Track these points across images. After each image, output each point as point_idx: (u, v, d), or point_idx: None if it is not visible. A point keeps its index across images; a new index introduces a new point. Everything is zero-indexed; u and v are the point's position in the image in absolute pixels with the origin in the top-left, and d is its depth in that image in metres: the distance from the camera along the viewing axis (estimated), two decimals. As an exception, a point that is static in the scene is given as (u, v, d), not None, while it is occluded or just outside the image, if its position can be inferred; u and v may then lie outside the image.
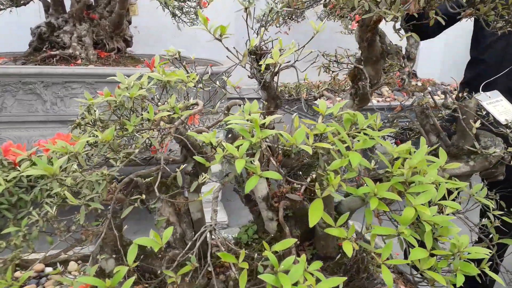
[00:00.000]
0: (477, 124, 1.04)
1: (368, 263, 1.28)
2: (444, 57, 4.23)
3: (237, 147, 0.77)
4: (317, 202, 0.80)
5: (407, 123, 1.55)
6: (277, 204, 1.27)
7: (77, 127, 1.04)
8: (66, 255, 1.07)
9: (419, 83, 3.20)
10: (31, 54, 2.73)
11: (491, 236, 1.06)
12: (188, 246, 0.84)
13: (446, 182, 0.89)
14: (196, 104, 1.06)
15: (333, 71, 1.48)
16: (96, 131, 0.82)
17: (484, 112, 1.09)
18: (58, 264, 0.87)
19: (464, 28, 2.03)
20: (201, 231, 0.86)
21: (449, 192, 0.92)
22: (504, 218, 1.00)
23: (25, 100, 2.40)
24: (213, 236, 0.95)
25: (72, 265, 1.74)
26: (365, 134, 0.87)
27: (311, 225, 0.76)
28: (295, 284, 0.70)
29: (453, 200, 0.90)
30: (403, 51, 3.22)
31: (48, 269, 1.73)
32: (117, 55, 2.82)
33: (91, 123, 1.03)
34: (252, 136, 0.80)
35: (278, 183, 1.44)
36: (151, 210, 1.25)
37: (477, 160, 1.13)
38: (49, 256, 1.06)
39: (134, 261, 0.76)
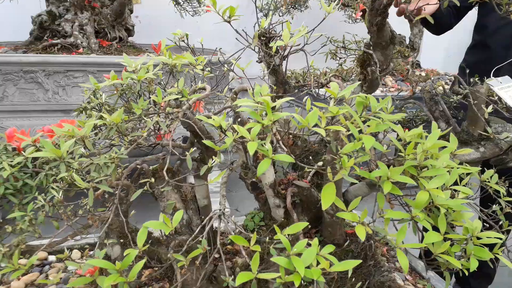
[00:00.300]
0: (489, 109, 1.03)
1: (375, 251, 1.28)
2: (448, 47, 4.20)
3: (248, 130, 0.75)
4: (330, 186, 0.78)
5: (414, 112, 1.54)
6: (284, 192, 1.25)
7: (82, 111, 1.03)
8: (73, 240, 1.05)
9: (423, 73, 3.17)
10: (32, 43, 2.70)
11: (501, 223, 1.05)
12: (197, 230, 0.83)
13: (458, 168, 0.88)
14: (204, 88, 1.04)
15: (340, 58, 1.46)
16: (104, 113, 0.81)
17: (496, 98, 1.08)
18: (65, 249, 0.85)
19: (468, 16, 2.01)
20: (210, 215, 0.85)
21: (460, 178, 0.91)
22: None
23: (27, 89, 2.38)
24: (221, 223, 0.94)
25: (75, 254, 1.74)
26: (377, 117, 0.85)
27: (324, 208, 0.75)
28: (308, 267, 0.69)
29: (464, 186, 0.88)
30: (407, 41, 3.20)
31: (52, 257, 1.73)
32: (119, 44, 2.79)
33: (97, 107, 1.02)
34: (263, 119, 0.78)
35: (284, 170, 1.42)
36: (157, 197, 1.24)
37: (487, 146, 1.12)
38: (54, 242, 1.05)
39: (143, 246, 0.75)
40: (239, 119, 1.03)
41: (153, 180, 0.84)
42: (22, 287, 1.50)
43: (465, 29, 2.02)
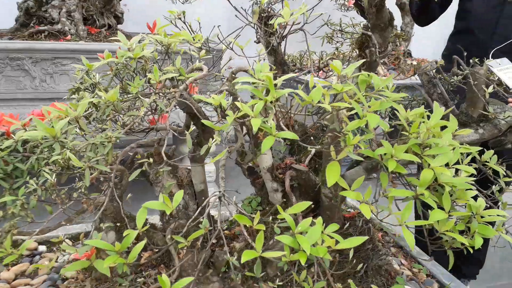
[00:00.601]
0: (490, 89, 1.02)
1: (374, 234, 1.27)
2: (438, 37, 4.21)
3: (251, 107, 0.73)
4: (334, 164, 0.77)
5: (410, 96, 1.53)
6: (282, 176, 1.24)
7: (75, 92, 0.99)
8: (65, 229, 1.02)
9: (414, 62, 3.18)
10: (18, 30, 2.62)
11: (499, 203, 1.05)
12: (196, 212, 0.81)
13: (459, 147, 0.87)
14: (201, 69, 1.01)
15: (337, 42, 1.44)
16: (100, 91, 0.77)
17: (497, 79, 1.07)
18: (61, 235, 0.82)
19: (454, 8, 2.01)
20: (210, 196, 0.83)
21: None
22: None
23: (13, 76, 2.31)
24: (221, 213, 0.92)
25: (67, 243, 1.70)
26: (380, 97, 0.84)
27: (329, 185, 0.73)
28: (313, 246, 0.68)
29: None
30: (398, 30, 3.19)
31: (42, 248, 1.69)
32: (108, 32, 2.73)
33: (90, 88, 0.98)
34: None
35: (281, 155, 1.41)
36: (152, 182, 1.21)
37: (486, 128, 1.11)
38: (47, 228, 1.01)
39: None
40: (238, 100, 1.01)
41: (151, 160, 0.81)
42: (12, 278, 1.46)
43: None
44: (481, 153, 0.99)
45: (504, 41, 1.69)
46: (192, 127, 1.15)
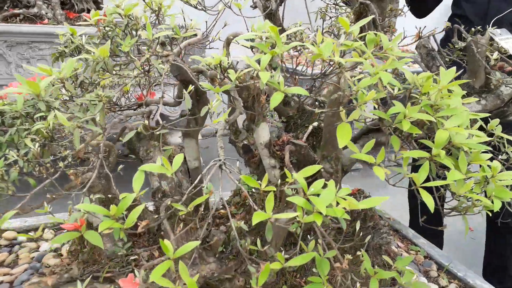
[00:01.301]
0: (495, 56, 0.99)
1: (374, 212, 1.23)
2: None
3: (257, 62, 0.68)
4: (344, 125, 0.72)
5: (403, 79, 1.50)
6: (279, 152, 1.19)
7: (59, 58, 0.91)
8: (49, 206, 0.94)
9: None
10: (-10, 14, 2.48)
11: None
12: (196, 180, 0.74)
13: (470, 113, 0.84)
14: (195, 34, 0.95)
15: (331, 17, 1.40)
16: (92, 48, 0.70)
17: (500, 46, 1.05)
18: (45, 204, 0.75)
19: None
20: (210, 165, 0.77)
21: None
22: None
23: (-13, 62, 2.18)
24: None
25: (47, 233, 1.61)
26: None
27: (341, 146, 0.68)
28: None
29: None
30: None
31: (21, 238, 1.59)
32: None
33: (76, 53, 0.91)
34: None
35: (278, 133, 1.35)
36: (142, 159, 1.13)
37: (488, 98, 1.09)
38: (29, 207, 0.93)
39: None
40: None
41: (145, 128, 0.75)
42: (-10, 268, 1.36)
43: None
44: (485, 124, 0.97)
45: (496, 23, 1.70)
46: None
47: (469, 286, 1.35)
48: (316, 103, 1.33)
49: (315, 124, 1.24)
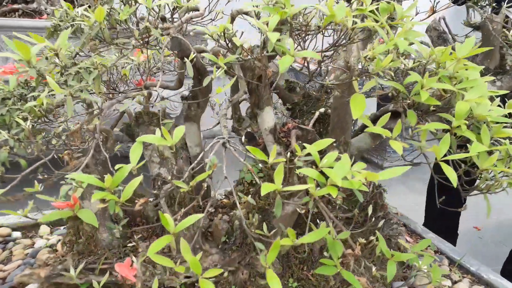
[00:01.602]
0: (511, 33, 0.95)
1: (385, 201, 1.18)
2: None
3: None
4: (357, 95, 0.67)
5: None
6: (284, 139, 1.14)
7: (53, 33, 0.87)
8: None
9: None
10: (-11, 10, 2.44)
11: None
12: (197, 158, 0.69)
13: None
14: (197, 9, 0.90)
15: None
16: (88, 12, 0.65)
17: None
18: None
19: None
20: (214, 142, 0.72)
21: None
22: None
23: (-16, 57, 2.14)
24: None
25: (43, 229, 1.55)
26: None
27: (354, 117, 0.63)
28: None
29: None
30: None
31: (16, 234, 1.54)
32: (88, 14, 2.58)
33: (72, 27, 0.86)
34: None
35: (283, 120, 1.30)
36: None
37: (504, 79, 1.04)
38: (21, 195, 0.87)
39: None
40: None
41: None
42: (-18, 264, 1.31)
43: None
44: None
45: None
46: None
47: (483, 281, 1.29)
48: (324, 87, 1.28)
49: (322, 110, 1.19)
